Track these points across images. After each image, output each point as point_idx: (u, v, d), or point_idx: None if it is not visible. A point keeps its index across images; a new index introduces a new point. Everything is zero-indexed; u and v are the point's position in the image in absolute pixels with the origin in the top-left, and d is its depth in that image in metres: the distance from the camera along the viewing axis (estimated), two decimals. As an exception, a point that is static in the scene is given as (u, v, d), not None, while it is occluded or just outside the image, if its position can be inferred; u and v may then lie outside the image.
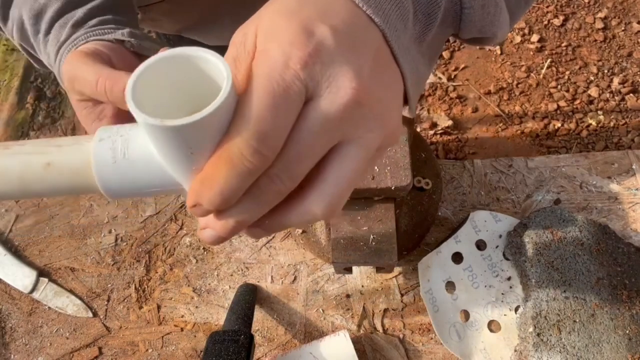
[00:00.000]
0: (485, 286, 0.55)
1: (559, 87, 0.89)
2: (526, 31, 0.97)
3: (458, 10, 0.30)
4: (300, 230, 0.58)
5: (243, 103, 0.21)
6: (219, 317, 0.58)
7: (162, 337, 0.58)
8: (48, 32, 0.41)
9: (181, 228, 0.64)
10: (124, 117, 0.36)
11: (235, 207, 0.23)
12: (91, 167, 0.24)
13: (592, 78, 0.92)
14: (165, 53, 0.22)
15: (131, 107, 0.20)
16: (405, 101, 0.30)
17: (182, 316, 0.59)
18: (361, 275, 0.59)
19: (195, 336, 0.57)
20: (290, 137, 0.22)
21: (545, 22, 1.00)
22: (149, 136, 0.22)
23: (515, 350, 0.51)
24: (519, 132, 0.81)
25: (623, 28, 0.99)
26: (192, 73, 0.22)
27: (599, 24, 0.98)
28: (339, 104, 0.22)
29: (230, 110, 0.21)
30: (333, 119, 0.22)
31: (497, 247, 0.57)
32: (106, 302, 0.60)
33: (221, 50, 0.24)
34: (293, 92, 0.21)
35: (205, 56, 0.22)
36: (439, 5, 0.28)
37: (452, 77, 0.91)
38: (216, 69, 0.22)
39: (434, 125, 0.82)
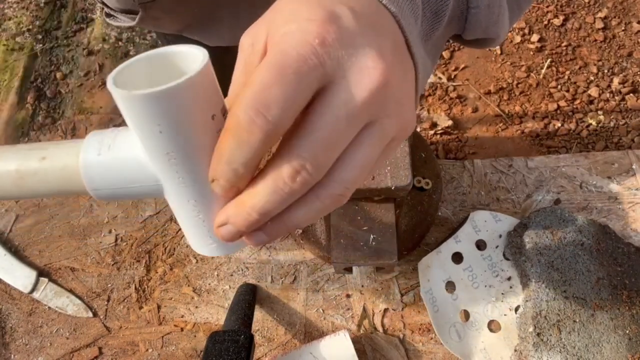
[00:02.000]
0: (485, 286, 0.55)
1: (559, 87, 0.89)
2: (526, 31, 0.97)
3: (464, 9, 0.30)
4: (300, 230, 0.58)
5: (254, 73, 0.20)
6: (219, 317, 0.58)
7: (162, 337, 0.58)
8: None
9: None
10: None
11: (255, 195, 0.21)
12: (79, 160, 0.24)
13: (592, 78, 0.92)
14: (142, 54, 0.22)
15: (109, 86, 0.21)
16: None
17: (182, 316, 0.59)
18: (361, 275, 0.59)
19: (195, 336, 0.57)
20: (314, 124, 0.21)
21: (545, 22, 1.00)
22: (124, 113, 0.22)
23: (515, 350, 0.51)
24: (519, 132, 0.81)
25: (623, 28, 0.99)
26: (175, 74, 0.22)
27: (599, 24, 0.98)
28: (364, 86, 0.21)
29: (204, 95, 0.21)
30: (360, 102, 0.21)
31: (497, 247, 0.57)
32: (106, 302, 0.60)
33: (221, 50, 0.23)
34: (308, 66, 0.20)
35: (180, 50, 0.22)
36: (447, 3, 0.28)
37: (452, 77, 0.91)
38: (195, 58, 0.22)
39: (434, 125, 0.82)
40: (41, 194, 0.25)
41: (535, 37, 0.96)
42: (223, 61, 0.64)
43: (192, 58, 0.22)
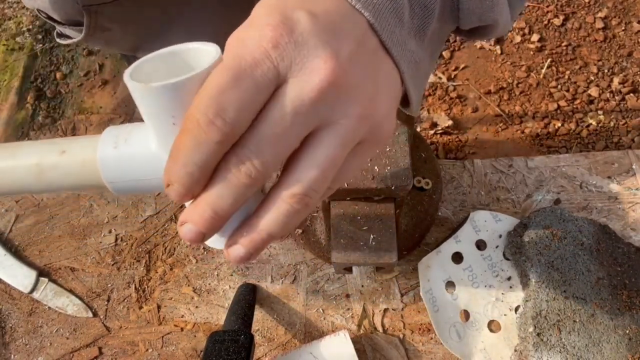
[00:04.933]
0: (485, 286, 0.55)
1: (559, 87, 0.89)
2: (526, 31, 0.97)
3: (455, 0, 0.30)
4: (300, 230, 0.58)
5: (210, 76, 0.21)
6: (219, 317, 0.58)
7: (162, 337, 0.58)
8: None
9: (181, 228, 0.64)
10: None
11: (207, 191, 0.22)
12: (97, 154, 0.24)
13: (592, 78, 0.92)
14: (157, 52, 0.23)
15: (126, 79, 0.22)
16: (406, 100, 0.30)
17: (182, 316, 0.59)
18: (361, 275, 0.59)
19: (195, 336, 0.57)
20: (261, 117, 0.21)
21: (545, 22, 1.00)
22: (140, 105, 0.22)
23: (515, 350, 0.51)
24: (519, 132, 0.81)
25: (623, 28, 0.99)
26: (190, 70, 0.23)
27: (599, 24, 0.98)
28: (312, 85, 0.21)
29: None
30: (306, 99, 0.21)
31: (497, 247, 0.57)
32: (106, 302, 0.60)
33: None
34: (261, 70, 0.21)
35: (192, 47, 0.23)
36: None
37: (452, 77, 0.91)
38: (208, 53, 0.23)
39: (434, 125, 0.82)
40: (60, 188, 0.26)
41: (535, 37, 0.96)
42: None
43: (206, 53, 0.23)
